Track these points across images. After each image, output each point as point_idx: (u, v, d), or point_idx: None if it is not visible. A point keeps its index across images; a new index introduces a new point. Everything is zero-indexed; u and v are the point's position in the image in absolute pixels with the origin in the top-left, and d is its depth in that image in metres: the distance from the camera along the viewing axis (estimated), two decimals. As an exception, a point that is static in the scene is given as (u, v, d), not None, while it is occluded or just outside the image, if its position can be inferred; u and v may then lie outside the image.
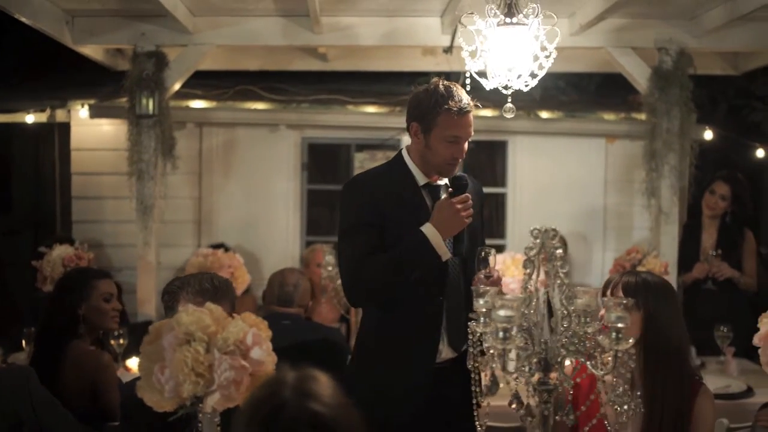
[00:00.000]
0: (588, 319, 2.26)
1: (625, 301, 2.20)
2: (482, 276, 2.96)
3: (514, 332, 2.20)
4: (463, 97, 3.12)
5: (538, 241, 2.31)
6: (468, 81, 3.40)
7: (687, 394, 2.83)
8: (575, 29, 5.13)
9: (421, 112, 3.11)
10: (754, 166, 6.83)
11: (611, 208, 6.21)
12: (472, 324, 2.34)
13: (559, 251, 2.29)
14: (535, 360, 2.28)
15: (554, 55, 3.39)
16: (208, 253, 4.74)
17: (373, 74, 6.24)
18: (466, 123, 3.10)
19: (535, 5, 3.21)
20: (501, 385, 2.27)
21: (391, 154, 5.99)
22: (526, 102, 6.29)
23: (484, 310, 2.33)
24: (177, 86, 5.34)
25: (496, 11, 3.29)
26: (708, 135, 5.98)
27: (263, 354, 2.31)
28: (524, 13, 3.32)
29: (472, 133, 3.14)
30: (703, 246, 5.36)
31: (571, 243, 5.98)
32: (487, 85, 3.42)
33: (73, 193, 6.12)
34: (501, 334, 2.21)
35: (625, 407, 2.94)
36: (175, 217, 5.88)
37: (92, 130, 6.05)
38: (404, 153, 3.21)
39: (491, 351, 2.21)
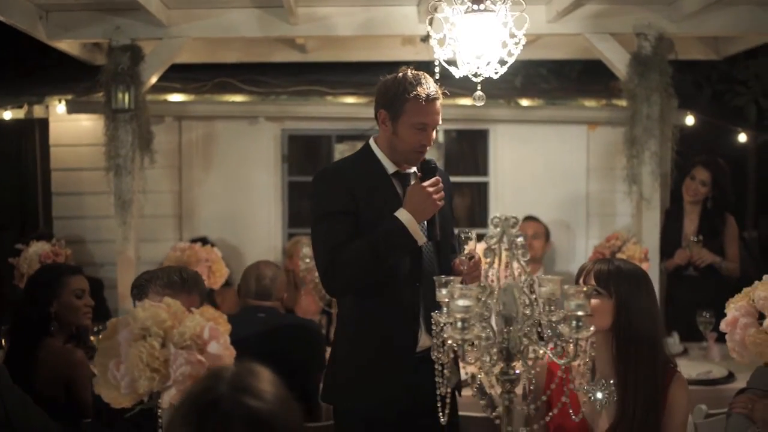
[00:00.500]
0: (552, 308, 2.26)
1: (585, 289, 2.18)
2: (464, 258, 2.97)
3: (471, 322, 2.19)
4: (431, 84, 3.12)
5: (498, 229, 2.29)
6: (437, 69, 3.37)
7: (661, 383, 2.82)
8: (552, 16, 5.10)
9: (388, 99, 3.13)
10: (736, 150, 6.82)
11: (594, 195, 6.20)
12: (434, 314, 2.33)
13: (520, 239, 2.28)
14: (495, 350, 2.27)
15: (523, 41, 3.36)
16: (185, 247, 4.71)
17: (352, 65, 6.21)
18: (434, 110, 3.09)
19: (502, -8, 3.18)
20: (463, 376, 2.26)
21: (372, 144, 6.01)
22: (507, 90, 6.27)
23: (446, 300, 2.32)
24: (153, 80, 5.30)
25: (465, -1, 3.27)
26: (690, 120, 5.95)
27: (220, 348, 2.29)
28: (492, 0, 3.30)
29: (440, 121, 3.12)
30: (684, 232, 5.35)
31: (554, 231, 5.96)
32: (457, 72, 3.39)
33: (53, 189, 6.09)
34: (459, 324, 2.20)
35: (599, 396, 2.96)
36: (155, 212, 5.85)
37: (71, 126, 6.01)
38: (372, 143, 3.22)
39: (449, 341, 2.20)
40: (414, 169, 3.16)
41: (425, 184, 2.99)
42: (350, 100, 6.01)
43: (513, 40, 3.36)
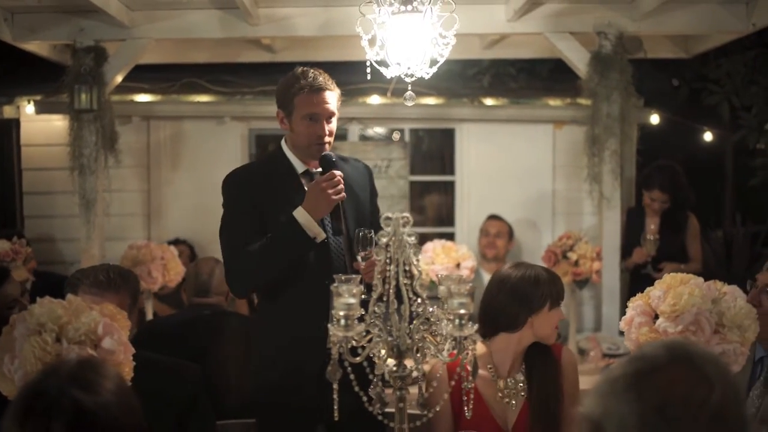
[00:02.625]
0: (446, 306, 2.29)
1: (468, 287, 2.22)
2: (359, 258, 2.99)
3: (353, 320, 2.23)
4: (319, 77, 3.19)
5: (389, 229, 2.33)
6: (369, 69, 3.40)
7: (552, 361, 2.94)
8: (510, 15, 5.12)
9: (281, 97, 3.25)
10: (710, 149, 6.81)
11: (560, 193, 6.21)
12: (332, 311, 2.37)
13: (412, 239, 2.31)
14: (381, 347, 2.31)
15: (453, 42, 3.40)
16: (142, 245, 4.76)
17: (319, 65, 6.22)
18: (321, 100, 3.14)
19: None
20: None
21: (337, 144, 6.05)
22: (475, 89, 6.29)
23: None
24: (118, 80, 5.35)
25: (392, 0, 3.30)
26: (654, 119, 5.96)
27: (114, 344, 2.34)
28: (420, 0, 3.33)
29: (333, 111, 3.16)
30: (645, 231, 5.36)
31: (520, 229, 5.98)
32: (388, 73, 3.43)
33: (24, 188, 6.17)
34: (342, 321, 2.24)
35: (506, 391, 3.01)
36: (124, 211, 5.91)
37: (42, 126, 6.09)
38: (283, 144, 3.29)
39: (331, 338, 2.24)
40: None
41: (320, 179, 3.04)
42: (317, 99, 6.04)
43: (443, 40, 3.39)
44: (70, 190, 5.33)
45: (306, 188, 3.14)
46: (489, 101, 6.12)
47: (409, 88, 3.45)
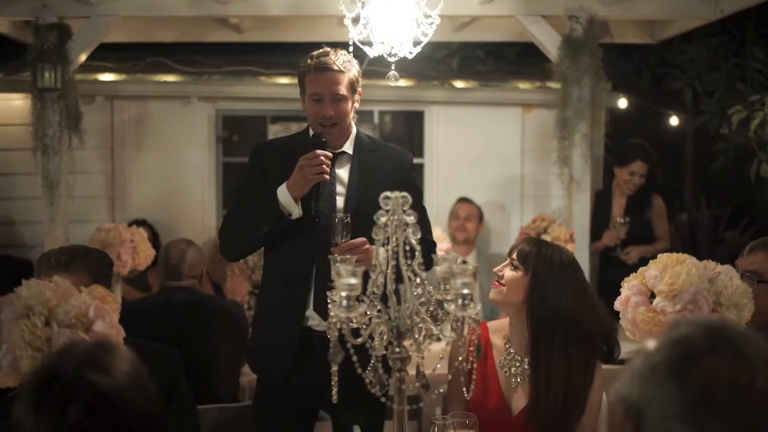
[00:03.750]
0: (447, 287, 2.27)
1: (471, 268, 2.19)
2: (334, 244, 2.94)
3: (355, 301, 2.19)
4: (330, 56, 3.13)
5: (388, 208, 2.30)
6: (351, 49, 3.35)
7: (581, 372, 2.82)
8: (482, -2, 5.11)
9: (299, 79, 3.20)
10: (672, 134, 6.90)
11: (528, 177, 6.23)
12: (329, 293, 2.34)
13: (411, 218, 2.28)
14: (382, 328, 2.28)
15: (437, 22, 3.37)
16: (111, 228, 4.65)
17: (287, 45, 6.16)
18: (324, 80, 3.08)
19: (416, -29, 3.19)
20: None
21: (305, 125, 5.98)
22: (444, 72, 6.27)
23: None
24: (82, 58, 5.21)
25: (377, -22, 3.26)
26: (623, 103, 6.01)
27: (106, 327, 2.27)
28: (405, -21, 3.30)
29: (339, 92, 3.09)
30: (613, 213, 5.42)
31: (488, 212, 5.99)
32: (371, 52, 3.40)
33: (-17, 169, 6.00)
34: (344, 302, 2.20)
35: (512, 371, 2.99)
36: (87, 193, 5.77)
37: (1, 105, 5.91)
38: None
39: (333, 319, 2.21)
40: (345, 147, 3.18)
41: (302, 157, 3.01)
42: (285, 80, 5.97)
43: (427, 20, 3.36)
44: (31, 172, 5.18)
45: None
46: (459, 84, 6.10)
47: (393, 68, 3.42)
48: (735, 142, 6.28)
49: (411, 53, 3.43)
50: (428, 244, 3.32)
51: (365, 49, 3.34)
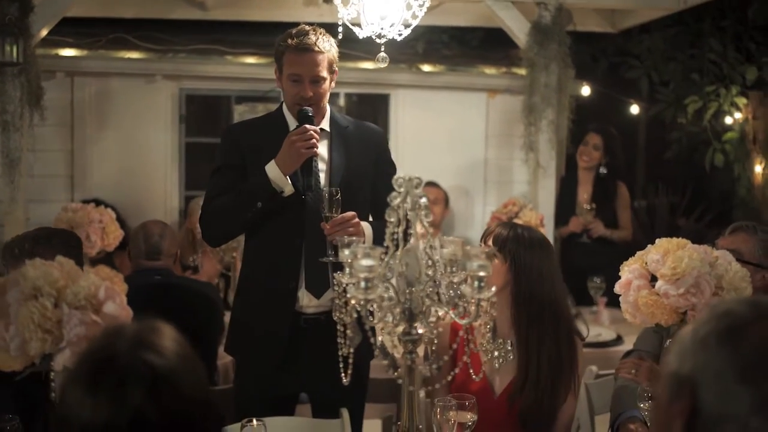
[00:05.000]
0: (453, 269, 2.28)
1: (486, 250, 2.21)
2: (324, 218, 2.93)
3: (375, 282, 2.19)
4: (310, 37, 3.09)
5: (402, 189, 2.31)
6: (340, 30, 3.33)
7: (568, 350, 2.90)
8: (456, -18, 5.12)
9: (275, 54, 3.16)
10: (628, 122, 7.04)
11: (492, 162, 6.28)
12: (337, 274, 2.33)
13: (423, 200, 2.29)
14: (398, 310, 2.28)
15: (428, 4, 3.37)
16: (77, 207, 4.53)
17: (254, 24, 6.07)
18: (306, 61, 3.06)
19: (407, -48, 3.18)
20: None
21: (272, 107, 5.91)
22: (410, 55, 6.26)
23: (349, 260, 2.32)
24: (44, 33, 5.05)
25: (369, -42, 3.24)
26: (585, 91, 6.10)
27: (117, 308, 2.22)
28: (396, -40, 3.28)
29: (319, 74, 3.08)
30: (579, 200, 5.51)
31: (452, 197, 6.03)
32: (360, 33, 3.38)
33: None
34: (363, 284, 2.19)
35: (496, 354, 3.03)
36: (46, 171, 5.62)
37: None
38: (283, 103, 3.24)
39: (352, 301, 2.20)
40: (325, 124, 3.17)
41: (291, 132, 3.01)
42: (251, 60, 5.89)
43: (417, 2, 3.36)
44: (-13, 149, 5.00)
45: None
46: (426, 67, 6.11)
47: (382, 49, 3.42)
48: (689, 131, 6.45)
49: (400, 35, 3.43)
50: None
51: (355, 30, 3.32)
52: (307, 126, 2.99)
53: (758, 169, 6.08)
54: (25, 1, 4.88)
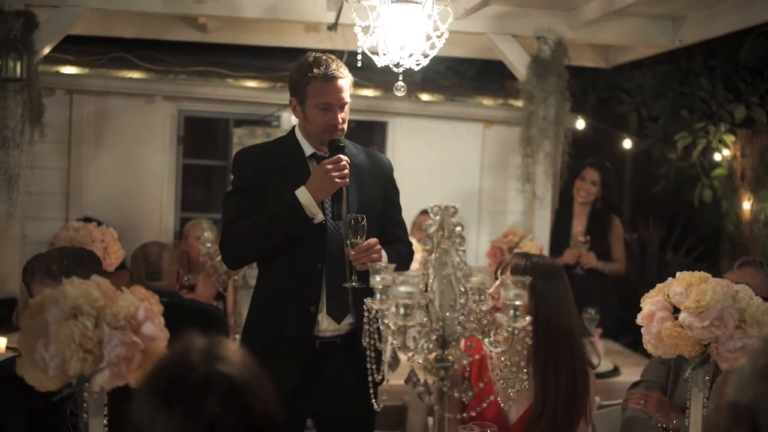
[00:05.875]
0: (482, 297, 2.31)
1: (523, 279, 2.24)
2: (349, 244, 2.97)
3: (414, 309, 2.21)
4: (332, 64, 3.14)
5: (438, 218, 2.34)
6: (360, 57, 3.37)
7: (582, 385, 2.94)
8: (459, 14, 5.18)
9: (294, 84, 3.18)
10: (620, 155, 7.14)
11: (486, 191, 6.34)
12: (368, 300, 2.35)
13: (459, 228, 2.32)
14: (434, 337, 2.30)
15: (446, 35, 3.42)
16: (80, 226, 4.51)
17: (253, 48, 6.10)
18: (335, 89, 3.11)
19: (430, -16, 3.23)
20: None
21: (271, 131, 5.95)
22: (408, 85, 6.30)
23: (380, 286, 2.34)
24: (47, 50, 5.04)
25: (391, -11, 3.29)
26: (580, 124, 6.20)
27: (156, 330, 2.21)
28: (420, -9, 3.33)
29: (345, 99, 3.15)
30: (573, 232, 5.57)
31: (447, 225, 6.05)
32: (379, 62, 3.43)
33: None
34: (402, 310, 2.21)
35: (516, 386, 3.05)
36: (42, 189, 5.59)
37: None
38: (296, 129, 3.26)
39: (390, 327, 2.21)
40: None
41: (325, 161, 3.03)
42: (251, 83, 5.91)
43: (436, 32, 3.41)
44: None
45: (311, 169, 3.14)
46: (425, 97, 6.17)
47: (400, 78, 3.46)
48: (677, 166, 6.56)
49: (418, 64, 3.48)
50: (409, 247, 3.38)
51: (374, 58, 3.37)
52: (341, 156, 3.04)
53: (746, 205, 6.19)
54: (31, 18, 4.88)
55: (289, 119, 6.18)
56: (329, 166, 3.00)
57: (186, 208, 6.03)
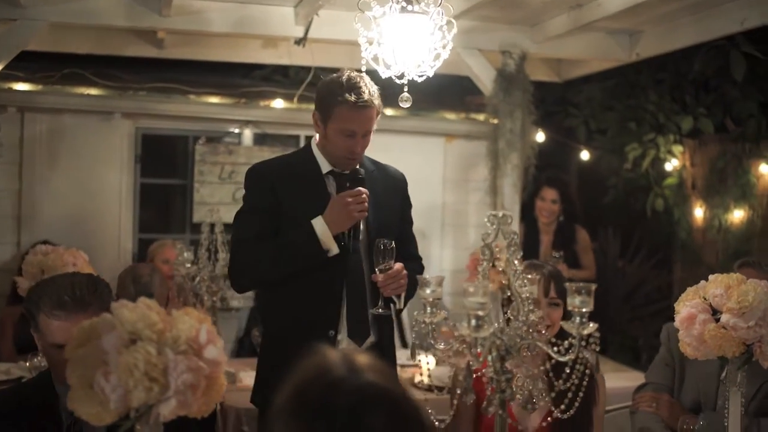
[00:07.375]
0: (532, 308, 2.28)
1: (588, 286, 2.21)
2: (378, 271, 2.91)
3: (484, 320, 2.16)
4: (364, 93, 3.05)
5: (494, 227, 2.31)
6: (364, 69, 3.33)
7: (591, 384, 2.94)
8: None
9: (320, 100, 3.09)
10: (577, 167, 7.26)
11: (449, 205, 6.34)
12: (416, 314, 2.31)
13: (515, 237, 2.30)
14: (495, 350, 2.25)
15: (450, 46, 3.42)
16: (48, 250, 4.23)
17: (211, 64, 5.94)
18: (363, 118, 3.03)
19: (434, -4, 3.21)
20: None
21: (234, 148, 5.80)
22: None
23: (430, 299, 2.29)
24: (0, 66, 4.77)
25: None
26: (540, 137, 6.26)
27: (218, 353, 2.08)
28: (425, 2, 3.32)
29: (371, 128, 3.08)
30: (542, 247, 5.62)
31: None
32: (384, 73, 3.40)
33: None
34: (473, 322, 2.15)
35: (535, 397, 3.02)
36: (-11, 212, 5.29)
37: None
38: (313, 143, 3.17)
39: (467, 339, 2.16)
40: (358, 167, 3.12)
41: (344, 194, 2.96)
42: (212, 99, 5.75)
43: (440, 44, 3.40)
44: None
45: (328, 187, 3.07)
46: (388, 111, 6.12)
47: (405, 90, 3.44)
48: (626, 177, 6.71)
49: (421, 76, 3.47)
50: (421, 265, 3.35)
51: (379, 69, 3.34)
52: (361, 189, 2.96)
53: (698, 213, 6.37)
54: (-15, 32, 4.62)
55: (251, 136, 6.03)
56: (349, 199, 2.93)
57: (144, 228, 5.81)
